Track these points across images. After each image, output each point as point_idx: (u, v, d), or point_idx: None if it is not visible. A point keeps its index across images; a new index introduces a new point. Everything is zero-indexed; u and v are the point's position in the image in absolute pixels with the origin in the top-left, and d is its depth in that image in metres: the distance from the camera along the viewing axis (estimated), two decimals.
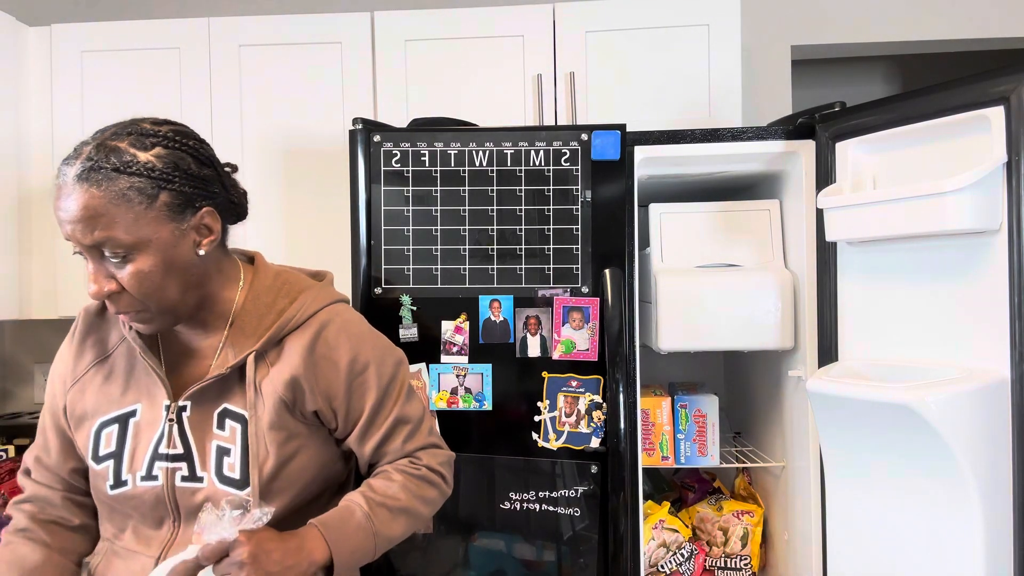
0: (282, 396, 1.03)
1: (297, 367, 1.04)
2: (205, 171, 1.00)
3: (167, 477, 1.02)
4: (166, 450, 1.02)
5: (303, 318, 1.06)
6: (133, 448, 1.03)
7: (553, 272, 1.56)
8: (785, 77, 2.34)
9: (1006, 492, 1.20)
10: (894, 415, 1.24)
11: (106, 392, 1.06)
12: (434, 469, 1.14)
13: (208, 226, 1.01)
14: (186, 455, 1.02)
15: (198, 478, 1.02)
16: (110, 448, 1.04)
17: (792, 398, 1.71)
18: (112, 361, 1.07)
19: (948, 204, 1.21)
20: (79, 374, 1.08)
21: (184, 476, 1.02)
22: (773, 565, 1.82)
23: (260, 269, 1.12)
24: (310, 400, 1.05)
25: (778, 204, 1.73)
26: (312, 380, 1.05)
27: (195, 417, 1.03)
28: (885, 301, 1.41)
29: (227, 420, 1.03)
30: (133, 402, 1.05)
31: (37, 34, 2.04)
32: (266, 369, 1.04)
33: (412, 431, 1.13)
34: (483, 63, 1.99)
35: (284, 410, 1.04)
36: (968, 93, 1.24)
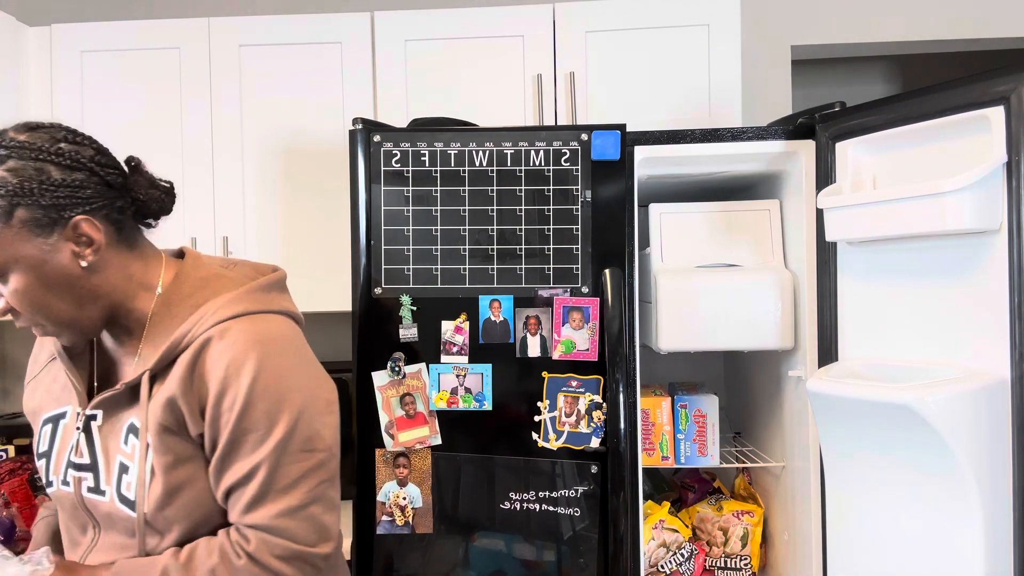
0: (160, 419, 0.93)
1: (175, 387, 0.93)
2: (74, 177, 0.91)
3: (76, 486, 0.99)
4: (75, 458, 0.99)
5: (198, 333, 0.94)
6: (59, 451, 1.01)
7: (553, 272, 1.56)
8: (785, 77, 2.34)
9: (1006, 492, 1.20)
10: (894, 415, 1.24)
11: (50, 391, 1.04)
12: (259, 561, 0.91)
13: (86, 235, 0.91)
14: (92, 466, 0.97)
15: (101, 491, 0.97)
16: (44, 447, 1.03)
17: (792, 398, 1.71)
18: (56, 365, 1.06)
19: (948, 204, 1.21)
20: (35, 371, 1.09)
21: (90, 487, 0.98)
22: (773, 565, 1.82)
23: (182, 273, 1.01)
24: (191, 423, 0.94)
25: (778, 204, 1.73)
26: (191, 402, 0.93)
27: (106, 428, 0.98)
28: (885, 301, 1.41)
29: (131, 436, 0.95)
30: (65, 403, 1.02)
31: (37, 34, 2.04)
32: (158, 388, 0.95)
33: (260, 495, 0.92)
34: (483, 63, 1.99)
35: (166, 433, 0.93)
36: (968, 93, 1.24)
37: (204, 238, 2.00)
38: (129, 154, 1.01)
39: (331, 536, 0.96)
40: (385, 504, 1.56)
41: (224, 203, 2.00)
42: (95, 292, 0.95)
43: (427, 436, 1.56)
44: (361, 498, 1.56)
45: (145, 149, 2.02)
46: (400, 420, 1.56)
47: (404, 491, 1.56)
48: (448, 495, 1.56)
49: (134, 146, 2.02)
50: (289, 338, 0.98)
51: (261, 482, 0.92)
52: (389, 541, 1.56)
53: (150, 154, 2.01)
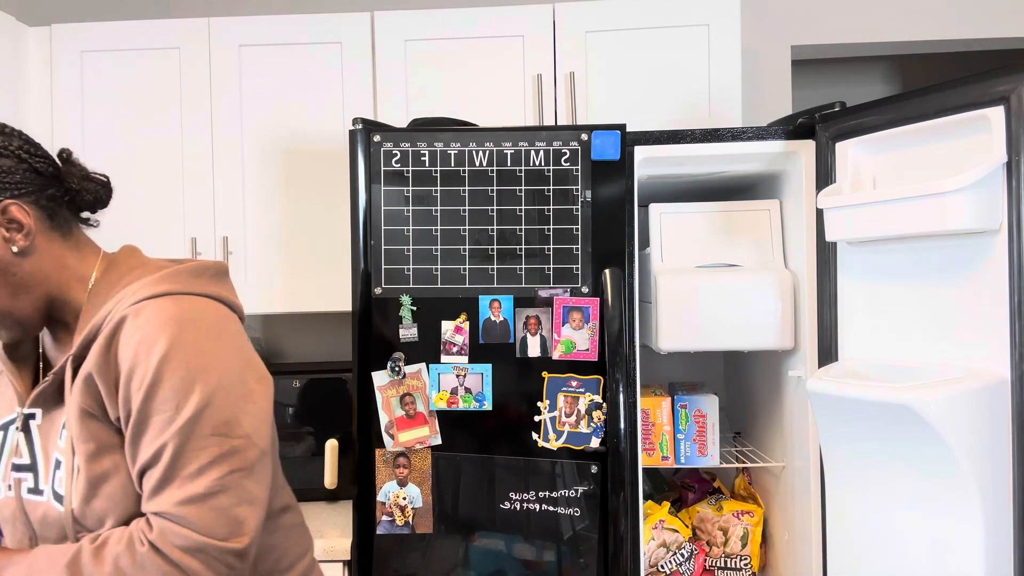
0: (80, 402, 0.91)
1: (91, 366, 0.90)
2: (1, 163, 0.91)
3: (16, 488, 0.96)
4: (15, 459, 0.97)
5: (116, 314, 0.91)
6: (6, 457, 0.98)
7: (553, 272, 1.56)
8: (785, 77, 2.34)
9: (1006, 492, 1.20)
10: (894, 415, 1.24)
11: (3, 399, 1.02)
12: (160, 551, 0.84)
13: (16, 220, 0.91)
14: (32, 466, 0.96)
15: (40, 491, 0.95)
16: None
17: (792, 398, 1.71)
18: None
19: (948, 204, 1.21)
20: None
21: (30, 488, 0.96)
22: (773, 565, 1.82)
23: (114, 263, 1.00)
24: (109, 405, 0.90)
25: (778, 204, 1.73)
26: (108, 381, 0.89)
27: (45, 426, 0.96)
28: (885, 301, 1.41)
29: (63, 431, 0.94)
30: (10, 409, 1.01)
31: (37, 34, 2.04)
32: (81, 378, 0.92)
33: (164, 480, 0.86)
34: (483, 63, 1.99)
35: (87, 418, 0.91)
36: (968, 93, 1.24)
37: (204, 238, 2.00)
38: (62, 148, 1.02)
39: (245, 531, 0.88)
40: (385, 504, 1.56)
41: (224, 203, 2.00)
42: (28, 281, 0.93)
43: (427, 436, 1.56)
44: (361, 498, 1.56)
45: (145, 149, 2.03)
46: (400, 420, 1.56)
47: (404, 491, 1.56)
48: (448, 495, 1.56)
49: (134, 146, 2.03)
50: (211, 320, 0.93)
51: (166, 465, 0.86)
52: (389, 541, 1.56)
53: (150, 154, 2.02)
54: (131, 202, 2.02)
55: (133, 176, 2.02)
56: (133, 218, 2.02)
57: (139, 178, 2.02)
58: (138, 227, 2.02)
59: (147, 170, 2.02)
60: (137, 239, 2.01)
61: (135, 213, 2.02)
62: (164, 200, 2.01)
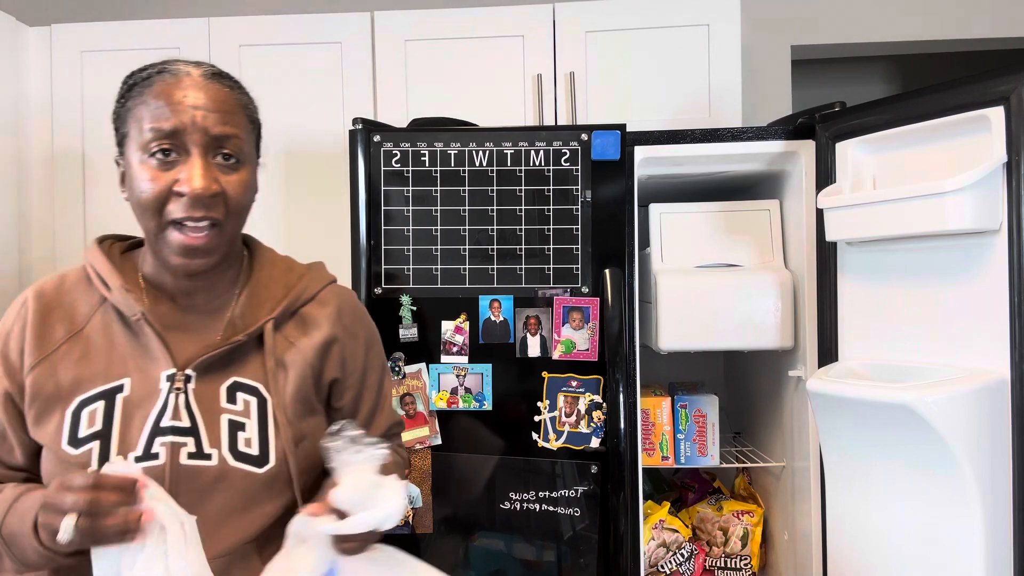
0: (311, 362, 0.99)
1: (329, 332, 1.01)
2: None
3: (171, 455, 0.90)
4: (171, 423, 0.91)
5: (315, 290, 1.03)
6: (124, 426, 0.91)
7: (553, 272, 1.56)
8: (785, 77, 2.34)
9: (1006, 492, 1.20)
10: (894, 415, 1.24)
11: (85, 368, 0.93)
12: (404, 457, 1.13)
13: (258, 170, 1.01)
14: (192, 430, 0.92)
15: (206, 455, 0.91)
16: (94, 427, 0.91)
17: (792, 398, 1.71)
18: (86, 335, 0.95)
19: (948, 204, 1.21)
20: (47, 351, 0.94)
21: (191, 453, 0.91)
22: (773, 565, 1.82)
23: (259, 243, 1.10)
24: (332, 367, 1.01)
25: (778, 204, 1.73)
26: (342, 346, 1.02)
27: (200, 390, 0.94)
28: (885, 301, 1.41)
29: (239, 393, 0.95)
30: (119, 376, 0.93)
31: (37, 34, 2.04)
32: (285, 340, 0.99)
33: (389, 405, 1.12)
34: (483, 63, 1.99)
35: (310, 379, 0.99)
36: (968, 93, 1.24)
37: None
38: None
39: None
40: None
41: None
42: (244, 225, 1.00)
43: (427, 436, 1.56)
44: None
45: None
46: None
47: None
48: (448, 495, 1.56)
49: None
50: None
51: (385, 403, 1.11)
52: (389, 541, 1.56)
53: None
54: None
55: None
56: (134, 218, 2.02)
57: None
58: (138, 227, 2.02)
59: None
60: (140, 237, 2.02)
61: None
62: None
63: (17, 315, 0.97)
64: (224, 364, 0.95)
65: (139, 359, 0.94)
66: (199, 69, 0.93)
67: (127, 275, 0.98)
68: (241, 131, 0.94)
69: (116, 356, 0.94)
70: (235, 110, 0.94)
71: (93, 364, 0.93)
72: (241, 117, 0.95)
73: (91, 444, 0.90)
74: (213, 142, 0.90)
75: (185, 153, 0.89)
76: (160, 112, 0.89)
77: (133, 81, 0.94)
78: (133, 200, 0.93)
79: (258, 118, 1.01)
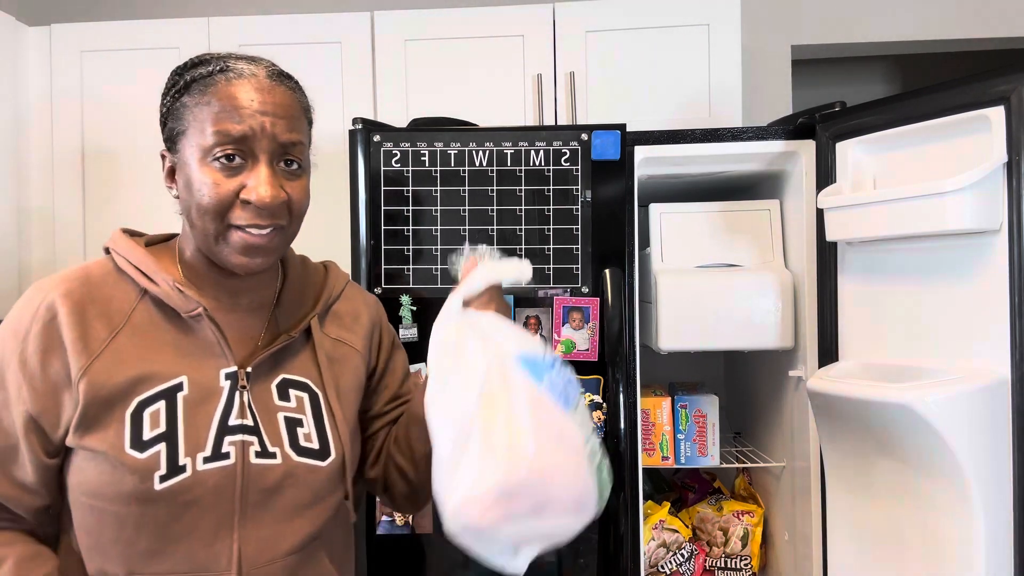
0: (363, 354, 1.02)
1: (368, 325, 1.05)
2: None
3: (240, 454, 0.87)
4: (238, 421, 0.88)
5: (341, 288, 1.06)
6: (189, 425, 0.86)
7: (553, 272, 1.56)
8: (785, 77, 2.34)
9: (1006, 492, 1.20)
10: (894, 415, 1.24)
11: (137, 366, 0.86)
12: None
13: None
14: (255, 428, 0.89)
15: (270, 453, 0.89)
16: (159, 429, 0.85)
17: (792, 398, 1.71)
18: (130, 332, 0.88)
19: (948, 204, 1.21)
20: (94, 353, 0.86)
21: (258, 452, 0.88)
22: (773, 565, 1.82)
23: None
24: (374, 356, 1.05)
25: (778, 204, 1.73)
26: (379, 337, 1.07)
27: (255, 389, 0.91)
28: (885, 301, 1.41)
29: (290, 390, 0.94)
30: (175, 374, 0.88)
31: (37, 34, 2.04)
32: (326, 336, 1.00)
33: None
34: (483, 63, 1.99)
35: (363, 370, 1.02)
36: (968, 93, 1.24)
37: None
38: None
39: None
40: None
41: None
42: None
43: None
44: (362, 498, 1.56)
45: (145, 149, 2.02)
46: None
47: None
48: None
49: (134, 146, 2.03)
50: None
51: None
52: (389, 541, 1.56)
53: (150, 154, 2.02)
54: (132, 202, 2.02)
55: (133, 175, 2.02)
56: (133, 218, 2.02)
57: (139, 178, 2.02)
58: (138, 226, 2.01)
59: (147, 170, 2.02)
60: None
61: (136, 213, 2.02)
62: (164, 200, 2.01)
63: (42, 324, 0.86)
64: (271, 362, 0.94)
65: (193, 356, 0.89)
66: (262, 69, 0.89)
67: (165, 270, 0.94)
68: (304, 137, 0.92)
69: (167, 353, 0.89)
70: (299, 114, 0.91)
71: (145, 362, 0.87)
72: (303, 122, 0.93)
73: (158, 446, 0.84)
74: (279, 149, 0.88)
75: (252, 159, 0.86)
76: (226, 116, 0.85)
77: (191, 77, 0.88)
78: (191, 202, 0.89)
79: (313, 118, 0.98)
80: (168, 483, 0.83)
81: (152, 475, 0.83)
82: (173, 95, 0.90)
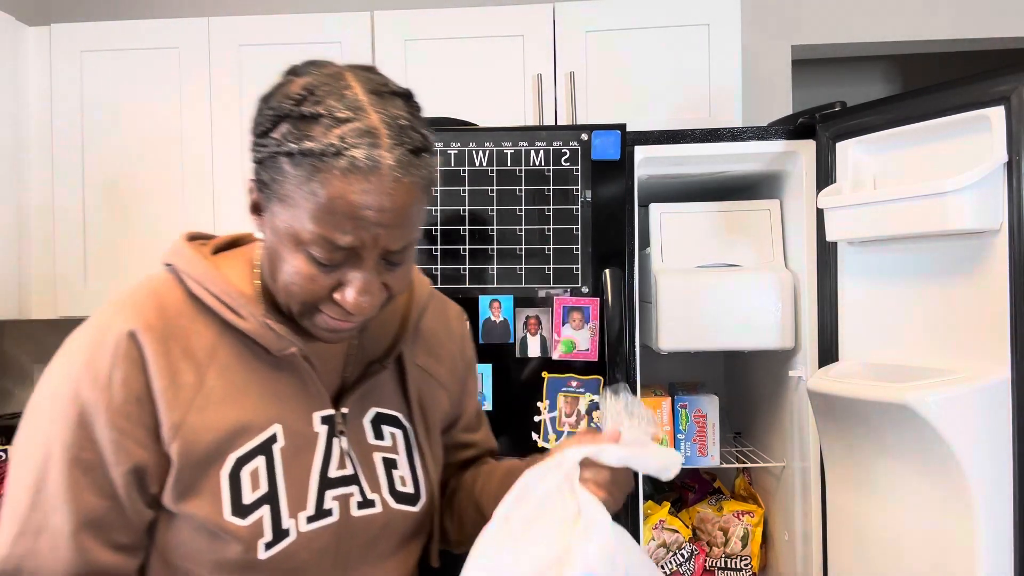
0: (449, 389, 0.93)
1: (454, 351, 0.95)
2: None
3: (343, 508, 0.79)
4: (338, 472, 0.79)
5: (425, 301, 0.91)
6: (290, 482, 0.77)
7: (553, 272, 1.56)
8: (785, 77, 2.33)
9: (1006, 492, 1.19)
10: (894, 415, 1.24)
11: (228, 416, 0.75)
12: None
13: None
14: (354, 476, 0.81)
15: (370, 502, 0.81)
16: (260, 490, 0.75)
17: (792, 398, 1.71)
18: (217, 374, 0.76)
19: (949, 204, 1.21)
20: (185, 403, 0.73)
21: (359, 503, 0.80)
22: (773, 565, 1.82)
23: None
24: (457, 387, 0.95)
25: (778, 204, 1.73)
26: (462, 363, 0.97)
27: (350, 428, 0.82)
28: (885, 301, 1.41)
29: (384, 426, 0.85)
30: (268, 422, 0.77)
31: (37, 34, 2.04)
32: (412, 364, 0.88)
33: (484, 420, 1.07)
34: (483, 63, 1.99)
35: (448, 407, 0.93)
36: (968, 93, 1.24)
37: None
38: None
39: None
40: None
41: (224, 203, 2.00)
42: None
43: None
44: None
45: (144, 149, 2.02)
46: None
47: None
48: None
49: (134, 146, 2.02)
50: None
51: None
52: None
53: (149, 154, 2.02)
54: (131, 202, 2.02)
55: (133, 176, 2.02)
56: (133, 218, 2.02)
57: (139, 178, 2.02)
58: (138, 226, 2.02)
59: (146, 170, 2.02)
60: (137, 238, 2.01)
61: (135, 213, 2.02)
62: (164, 200, 2.01)
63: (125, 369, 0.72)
64: (362, 394, 0.84)
65: (284, 399, 0.78)
66: (392, 155, 0.68)
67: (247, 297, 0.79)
68: (417, 229, 0.74)
69: (258, 397, 0.77)
70: (420, 209, 0.73)
71: (237, 411, 0.75)
72: (422, 212, 0.74)
73: (260, 510, 0.75)
74: (388, 254, 0.72)
75: (354, 258, 0.71)
76: (332, 222, 0.67)
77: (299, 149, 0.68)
78: (276, 272, 0.74)
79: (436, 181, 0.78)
80: (273, 550, 0.75)
81: (256, 543, 0.74)
82: (274, 149, 0.70)
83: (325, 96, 0.69)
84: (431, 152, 0.73)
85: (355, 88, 0.70)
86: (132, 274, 2.11)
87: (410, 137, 0.70)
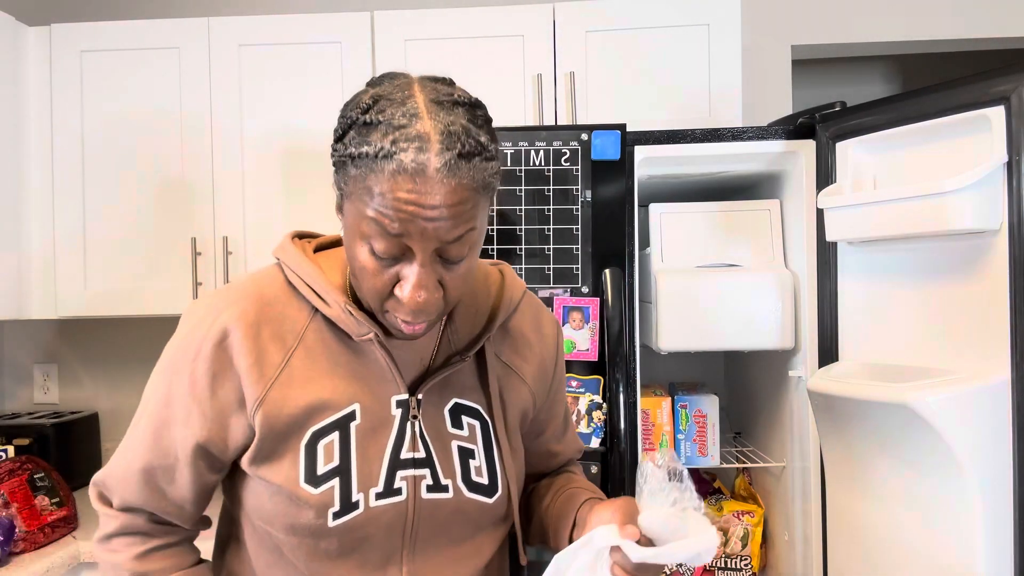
0: (532, 388, 0.95)
1: (541, 354, 0.96)
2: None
3: (412, 489, 0.84)
4: (409, 454, 0.85)
5: (517, 300, 0.94)
6: (361, 458, 0.83)
7: (553, 272, 1.56)
8: (785, 77, 2.33)
9: (1006, 492, 1.20)
10: (894, 415, 1.24)
11: (311, 393, 0.83)
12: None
13: None
14: (428, 460, 0.86)
15: (442, 487, 0.86)
16: (333, 463, 0.82)
17: (792, 398, 1.71)
18: (302, 355, 0.85)
19: (949, 204, 1.21)
20: (269, 380, 0.82)
21: (429, 486, 0.85)
22: (773, 565, 1.82)
23: None
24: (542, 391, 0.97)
25: (778, 204, 1.73)
26: (552, 367, 0.98)
27: (427, 414, 0.87)
28: (885, 301, 1.41)
29: (463, 416, 0.89)
30: (348, 401, 0.84)
31: (37, 34, 2.04)
32: (497, 358, 0.93)
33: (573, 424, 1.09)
34: (483, 63, 1.99)
35: (530, 407, 0.95)
36: (968, 93, 1.24)
37: (204, 238, 2.00)
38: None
39: None
40: None
41: (224, 203, 2.00)
42: None
43: None
44: None
45: (144, 149, 2.02)
46: None
47: None
48: None
49: (134, 146, 2.03)
50: None
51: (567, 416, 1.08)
52: None
53: (149, 154, 2.02)
54: (131, 202, 2.02)
55: (133, 176, 2.02)
56: (133, 218, 2.02)
57: (139, 178, 2.02)
58: (138, 227, 2.02)
59: (146, 170, 2.02)
60: (137, 239, 2.02)
61: (135, 213, 2.02)
62: (164, 200, 2.01)
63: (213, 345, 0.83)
64: (443, 384, 0.89)
65: (365, 381, 0.85)
66: (440, 159, 0.72)
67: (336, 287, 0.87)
68: (477, 221, 0.77)
69: (340, 378, 0.85)
70: (472, 208, 0.75)
71: (319, 388, 0.84)
72: (479, 206, 0.77)
73: (332, 481, 0.82)
74: (442, 250, 0.76)
75: (409, 253, 0.76)
76: (386, 213, 0.73)
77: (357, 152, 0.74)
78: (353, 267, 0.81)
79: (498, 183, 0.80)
80: (341, 520, 0.82)
81: (326, 511, 0.81)
82: (343, 153, 0.77)
83: (388, 105, 0.75)
84: (486, 157, 0.75)
85: (417, 98, 0.76)
86: (132, 273, 2.11)
87: (462, 142, 0.73)
